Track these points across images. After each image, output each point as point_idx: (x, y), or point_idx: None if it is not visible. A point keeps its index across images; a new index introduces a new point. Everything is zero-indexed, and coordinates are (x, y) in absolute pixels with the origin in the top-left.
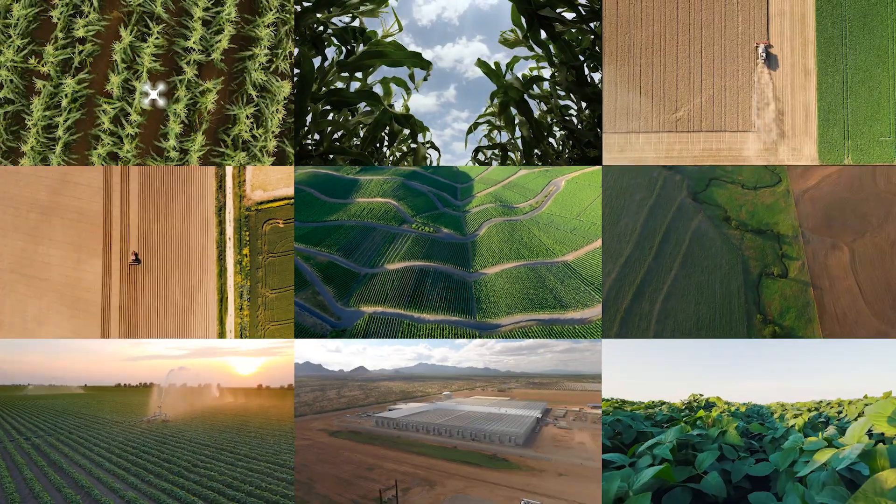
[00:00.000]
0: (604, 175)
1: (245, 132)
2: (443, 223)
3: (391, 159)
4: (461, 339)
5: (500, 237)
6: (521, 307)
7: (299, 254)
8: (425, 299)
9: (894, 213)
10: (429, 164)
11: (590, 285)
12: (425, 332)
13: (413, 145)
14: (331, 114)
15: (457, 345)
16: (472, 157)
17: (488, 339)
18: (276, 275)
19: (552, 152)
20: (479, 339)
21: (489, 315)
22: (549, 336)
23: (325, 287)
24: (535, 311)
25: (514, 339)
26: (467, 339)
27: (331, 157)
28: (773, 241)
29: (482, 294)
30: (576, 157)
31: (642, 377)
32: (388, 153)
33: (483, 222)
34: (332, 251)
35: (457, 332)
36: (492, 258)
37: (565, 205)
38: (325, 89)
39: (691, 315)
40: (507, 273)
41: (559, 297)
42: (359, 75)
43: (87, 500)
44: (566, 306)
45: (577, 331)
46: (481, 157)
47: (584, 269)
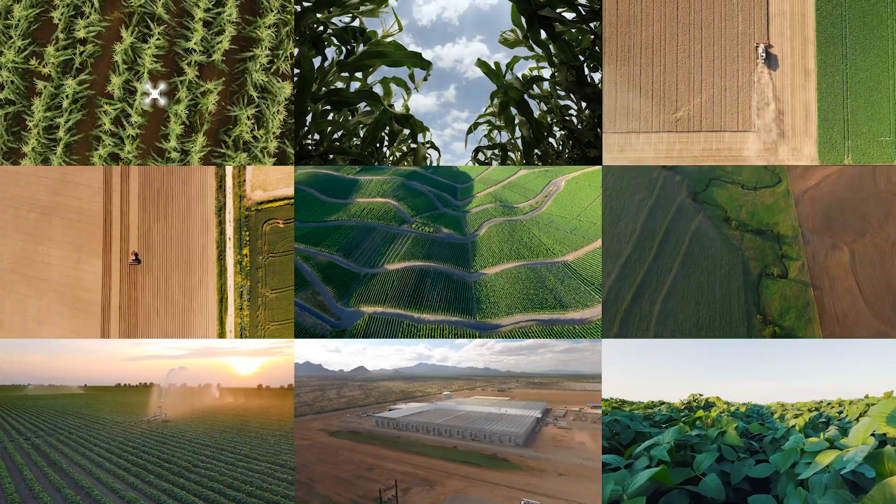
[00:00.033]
0: (604, 175)
1: (246, 133)
2: (443, 223)
3: (391, 159)
4: (461, 339)
5: (500, 237)
6: (521, 307)
7: (299, 254)
8: (425, 299)
9: (894, 214)
10: (429, 164)
11: (590, 285)
12: (425, 332)
13: (413, 145)
14: (331, 114)
15: (457, 345)
16: (472, 157)
17: (488, 339)
18: (276, 275)
19: (552, 152)
20: (479, 339)
21: (489, 315)
22: (549, 336)
23: (325, 287)
24: (535, 312)
25: (514, 339)
26: (467, 339)
27: (331, 157)
28: (773, 242)
29: (482, 294)
30: (576, 157)
31: (642, 377)
32: (388, 153)
33: (483, 222)
34: (332, 251)
35: (457, 333)
36: (492, 258)
37: (565, 205)
38: (324, 89)
39: (691, 315)
40: (507, 273)
41: (559, 298)
42: (359, 75)
43: (88, 500)
44: (566, 306)
45: (577, 331)
46: (481, 157)
47: (584, 270)
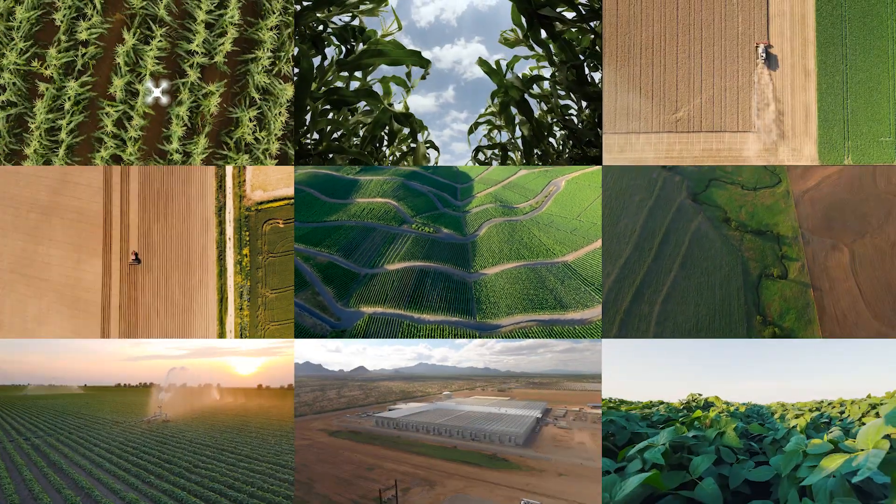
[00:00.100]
0: (604, 175)
1: (248, 135)
2: (443, 223)
3: (391, 159)
4: (461, 339)
5: (500, 237)
6: (522, 308)
7: (299, 254)
8: (425, 300)
9: (894, 214)
10: (428, 163)
11: (590, 286)
12: (425, 332)
13: (413, 144)
14: (330, 113)
15: (457, 345)
16: (472, 156)
17: (488, 339)
18: (276, 275)
19: (552, 152)
20: (479, 339)
21: (489, 316)
22: (549, 337)
23: (324, 287)
24: (536, 312)
25: (514, 339)
26: (467, 339)
27: (330, 156)
28: (773, 243)
29: (482, 294)
30: (576, 156)
31: (642, 377)
32: (388, 153)
33: (483, 222)
34: (331, 251)
35: (457, 333)
36: (492, 258)
37: (565, 205)
38: (324, 88)
39: (691, 317)
40: (507, 273)
41: (559, 298)
42: (358, 74)
43: (88, 501)
44: (566, 307)
45: (577, 331)
46: (482, 157)
47: (584, 270)
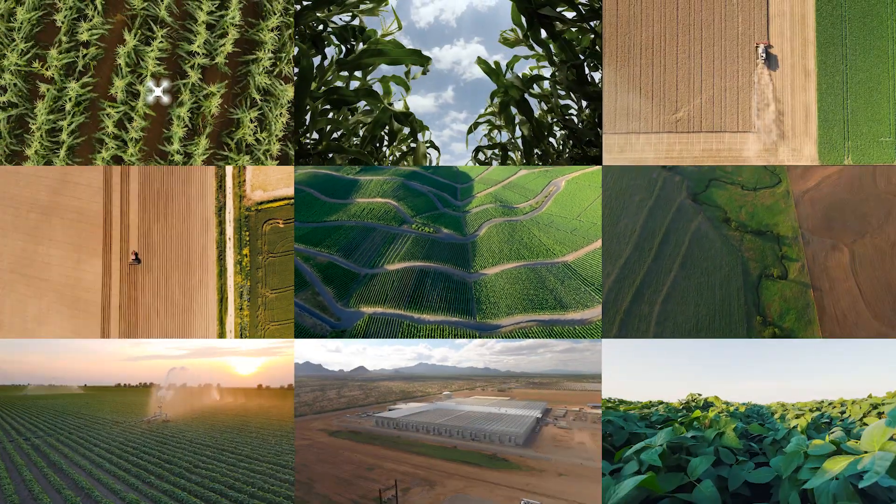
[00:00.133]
0: (604, 175)
1: (249, 136)
2: (443, 223)
3: (391, 158)
4: (461, 339)
5: (500, 237)
6: (522, 308)
7: (299, 254)
8: (425, 300)
9: (894, 214)
10: (428, 163)
11: (590, 286)
12: (425, 332)
13: (413, 144)
14: (330, 112)
15: (457, 345)
16: (472, 156)
17: (488, 339)
18: (276, 275)
19: (552, 152)
20: (479, 339)
21: (489, 316)
22: (549, 337)
23: (324, 288)
24: (536, 312)
25: (514, 339)
26: (467, 339)
27: (330, 155)
28: (773, 243)
29: (482, 295)
30: (576, 156)
31: (642, 377)
32: (388, 152)
33: (483, 223)
34: (331, 252)
35: (457, 333)
36: (492, 259)
37: (565, 205)
38: (324, 88)
39: (691, 317)
40: (507, 273)
41: (559, 298)
42: (358, 74)
43: (88, 501)
44: (566, 307)
45: (577, 332)
46: (481, 157)
47: (584, 270)
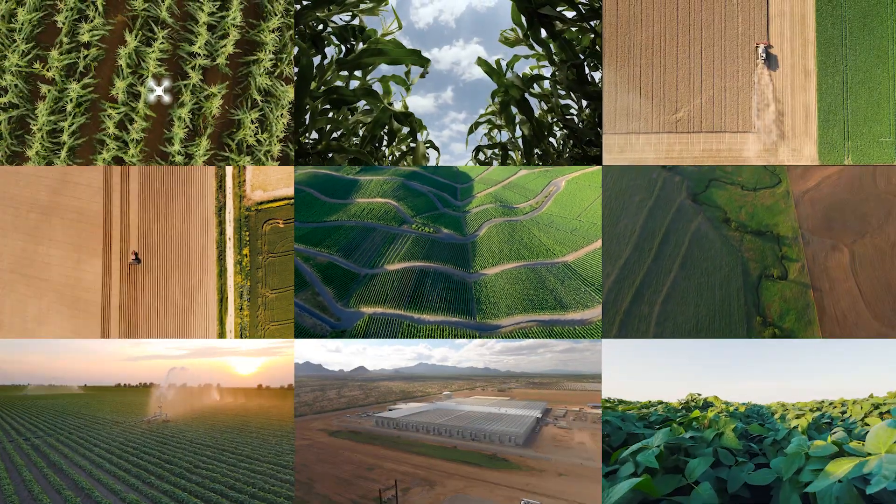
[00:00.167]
0: (604, 175)
1: (250, 137)
2: (443, 224)
3: (390, 158)
4: (461, 339)
5: (500, 238)
6: (522, 308)
7: (299, 254)
8: (425, 300)
9: (894, 214)
10: (428, 163)
11: (590, 286)
12: (425, 333)
13: (412, 144)
14: (330, 112)
15: (457, 345)
16: (472, 156)
17: (488, 339)
18: (276, 275)
19: (553, 151)
20: (479, 339)
21: (489, 316)
22: (550, 337)
23: (324, 288)
24: (536, 312)
25: (514, 339)
26: (467, 339)
27: (329, 155)
28: (773, 243)
29: (482, 295)
30: (577, 155)
31: (642, 377)
32: (388, 152)
33: (483, 223)
34: (331, 252)
35: (456, 334)
36: (492, 259)
37: (565, 205)
38: (323, 87)
39: (690, 317)
40: (507, 274)
41: (559, 298)
42: (358, 73)
43: (88, 501)
44: (566, 307)
45: (578, 332)
46: (482, 157)
47: (584, 270)
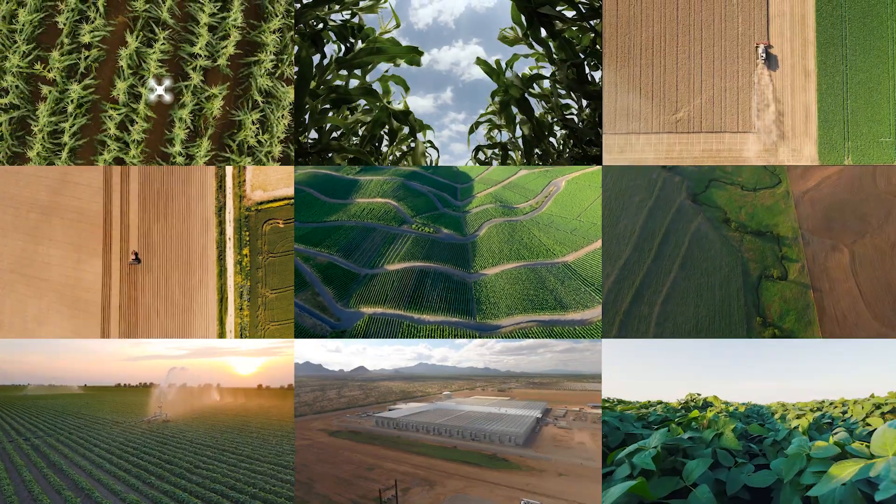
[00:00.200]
0: (604, 176)
1: (251, 137)
2: (443, 224)
3: (390, 158)
4: (461, 339)
5: (500, 238)
6: (522, 308)
7: (299, 254)
8: (425, 300)
9: (894, 215)
10: (428, 163)
11: (590, 286)
12: (425, 333)
13: (412, 143)
14: (330, 111)
15: (457, 345)
16: (472, 156)
17: (488, 339)
18: (276, 275)
19: (553, 151)
20: (480, 339)
21: (489, 316)
22: (550, 337)
23: (324, 288)
24: (536, 312)
25: (515, 339)
26: (467, 339)
27: (329, 154)
28: (773, 243)
29: (482, 295)
30: (577, 155)
31: (642, 377)
32: (388, 151)
33: (483, 223)
34: (331, 252)
35: (456, 334)
36: (492, 259)
37: (565, 205)
38: (323, 87)
39: (690, 318)
40: (507, 274)
41: (559, 298)
42: (358, 73)
43: (88, 502)
44: (566, 307)
45: (578, 332)
46: (482, 157)
47: (584, 270)
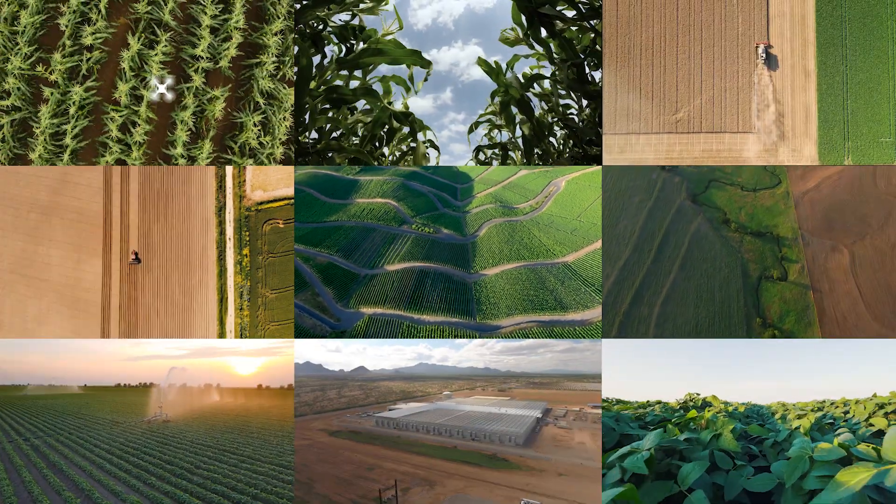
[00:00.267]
0: (603, 176)
1: (252, 139)
2: (443, 224)
3: (390, 158)
4: (461, 339)
5: (500, 238)
6: (522, 308)
7: (299, 255)
8: (425, 300)
9: (894, 215)
10: (428, 163)
11: (590, 286)
12: (425, 333)
13: (412, 144)
14: (330, 111)
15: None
16: (472, 156)
17: (488, 339)
18: (276, 275)
19: (553, 151)
20: (480, 339)
21: (489, 317)
22: (550, 337)
23: (324, 288)
24: (536, 313)
25: (515, 339)
26: (467, 339)
27: (329, 155)
28: (773, 244)
29: (482, 295)
30: (577, 155)
31: (642, 377)
32: (388, 152)
33: (483, 223)
34: (331, 252)
35: (457, 334)
36: (492, 259)
37: (565, 205)
38: (323, 87)
39: (690, 319)
40: (507, 274)
41: (559, 299)
42: (358, 73)
43: (88, 503)
44: (566, 308)
45: (578, 332)
46: (482, 157)
47: (584, 270)
